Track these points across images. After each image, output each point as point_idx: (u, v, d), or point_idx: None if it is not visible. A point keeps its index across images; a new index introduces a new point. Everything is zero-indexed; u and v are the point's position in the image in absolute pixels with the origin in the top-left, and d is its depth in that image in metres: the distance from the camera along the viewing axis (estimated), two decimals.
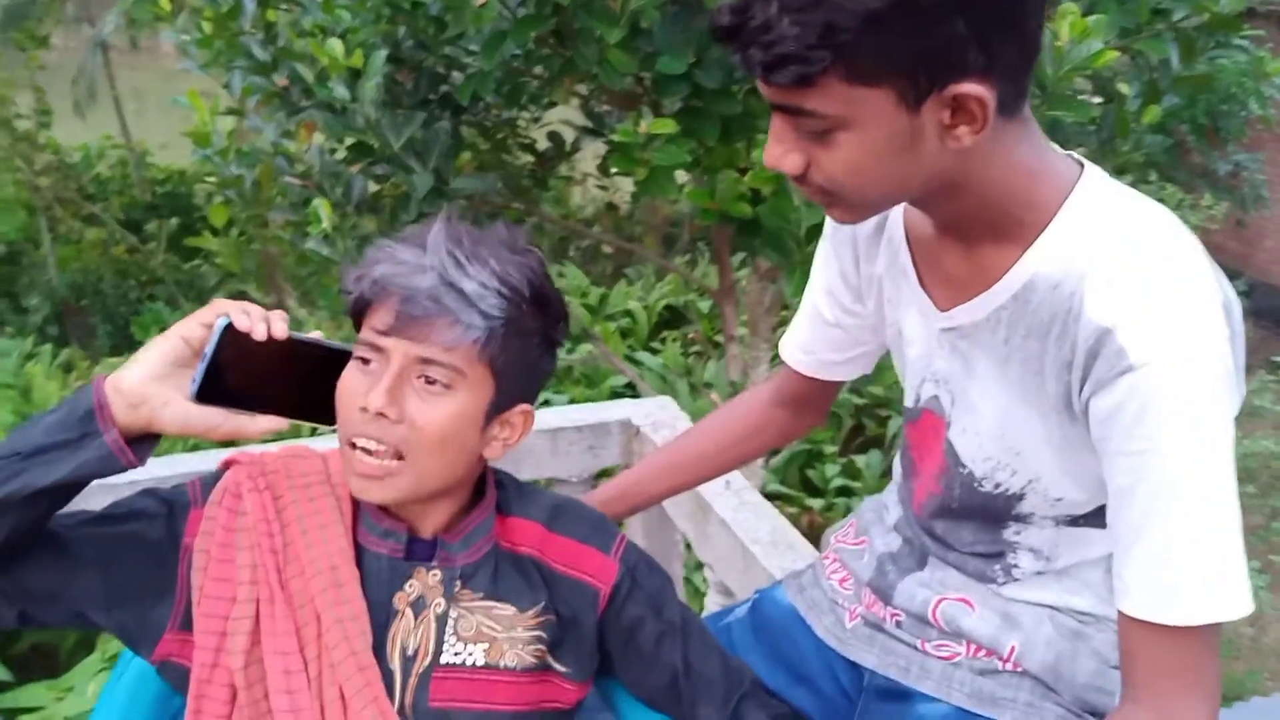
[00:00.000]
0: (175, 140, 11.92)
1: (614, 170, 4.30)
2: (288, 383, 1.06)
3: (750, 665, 1.29)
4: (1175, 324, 0.94)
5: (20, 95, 10.25)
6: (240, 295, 8.61)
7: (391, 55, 2.97)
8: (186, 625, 1.07)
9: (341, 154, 3.43)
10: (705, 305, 8.24)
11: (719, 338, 7.88)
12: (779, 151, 0.99)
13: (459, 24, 2.88)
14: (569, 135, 4.30)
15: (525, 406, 1.12)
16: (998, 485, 1.15)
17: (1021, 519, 1.17)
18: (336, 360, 1.08)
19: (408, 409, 1.02)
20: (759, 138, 3.02)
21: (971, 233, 1.06)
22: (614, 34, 2.52)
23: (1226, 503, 0.95)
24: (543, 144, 4.22)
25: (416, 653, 1.09)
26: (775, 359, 6.66)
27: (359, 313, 1.06)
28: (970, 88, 0.89)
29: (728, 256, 3.95)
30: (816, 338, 1.39)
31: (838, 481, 6.45)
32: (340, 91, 2.81)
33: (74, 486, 0.99)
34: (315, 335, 1.08)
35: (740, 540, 1.83)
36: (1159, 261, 0.96)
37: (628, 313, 8.17)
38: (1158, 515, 0.96)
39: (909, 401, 1.25)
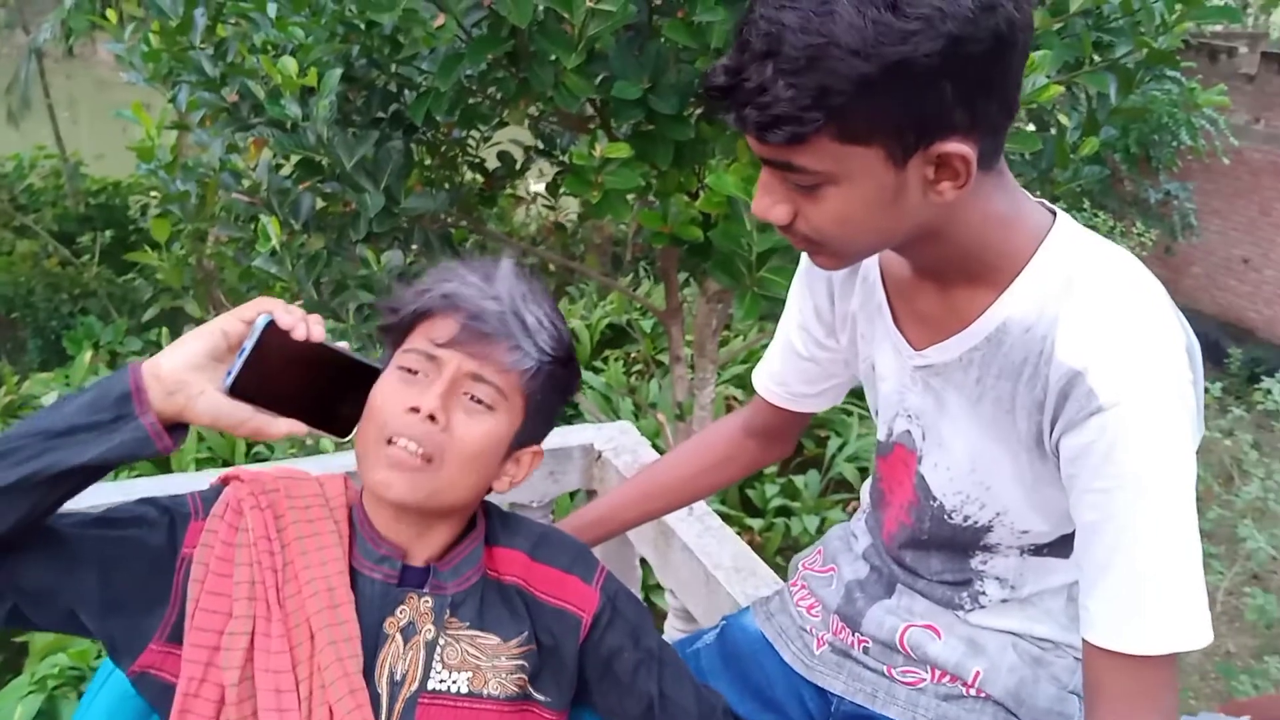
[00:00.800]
0: (111, 151, 11.73)
1: (564, 191, 4.32)
2: (311, 389, 1.08)
3: (719, 691, 1.31)
4: (1142, 367, 0.98)
5: None
6: (177, 310, 8.49)
7: (344, 73, 2.95)
8: (174, 638, 1.06)
9: (289, 170, 3.41)
10: (648, 324, 8.27)
11: (662, 357, 7.91)
12: (767, 202, 1.02)
13: (414, 44, 2.88)
14: (518, 154, 4.30)
15: (537, 448, 1.19)
16: (967, 518, 1.19)
17: (988, 549, 1.21)
18: (360, 374, 1.10)
19: (452, 419, 1.07)
20: (710, 162, 3.06)
21: (947, 276, 1.09)
22: (571, 59, 2.53)
23: (1188, 538, 0.99)
24: (492, 163, 4.21)
25: (404, 678, 1.10)
26: (722, 380, 6.70)
27: (408, 326, 1.11)
28: (954, 146, 0.93)
29: (675, 277, 3.97)
30: (789, 370, 1.41)
31: (777, 501, 6.51)
32: (293, 109, 2.80)
33: (100, 470, 0.98)
34: (344, 346, 1.10)
35: (704, 566, 1.85)
36: (1127, 307, 1.01)
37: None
38: (1123, 550, 1.00)
39: (881, 435, 1.28)
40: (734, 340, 7.39)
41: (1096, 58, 2.97)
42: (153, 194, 9.45)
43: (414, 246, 3.53)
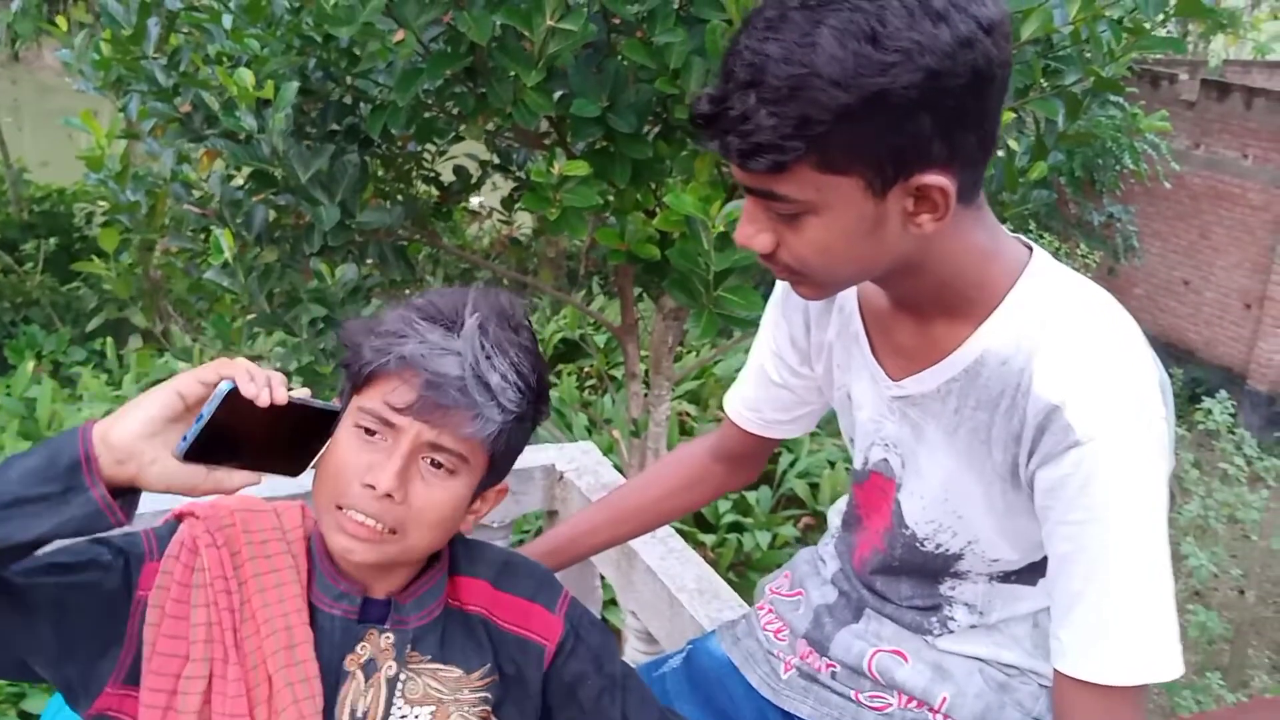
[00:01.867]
0: (55, 157, 11.54)
1: (519, 207, 4.32)
2: (267, 440, 1.03)
3: (685, 716, 1.31)
4: (1118, 403, 1.00)
5: None
6: (121, 320, 8.36)
7: (300, 86, 2.93)
8: (131, 679, 1.04)
9: (239, 181, 3.38)
10: (601, 339, 8.27)
11: (615, 371, 7.92)
12: (750, 231, 1.03)
13: (371, 58, 2.87)
14: (473, 169, 4.29)
15: (501, 485, 1.15)
16: (938, 545, 1.20)
17: (958, 575, 1.22)
18: (318, 419, 1.06)
19: (410, 490, 1.03)
20: (668, 181, 3.07)
21: (925, 308, 1.10)
22: (531, 76, 2.53)
23: (1160, 571, 1.01)
24: (448, 177, 4.20)
25: (365, 715, 1.08)
26: (675, 396, 6.71)
27: (367, 377, 1.05)
28: (933, 179, 0.94)
29: (631, 294, 3.98)
30: (762, 397, 1.41)
31: (729, 517, 6.53)
32: (248, 121, 2.77)
33: (49, 541, 0.94)
34: (303, 394, 1.04)
35: (667, 589, 1.85)
36: (1103, 343, 1.03)
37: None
38: (1096, 582, 1.02)
39: (857, 463, 1.29)
40: (687, 356, 7.42)
41: (1044, 84, 3.03)
42: (100, 203, 9.32)
43: (369, 260, 3.51)
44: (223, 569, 1.06)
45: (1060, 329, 1.03)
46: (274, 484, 1.07)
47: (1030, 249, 1.10)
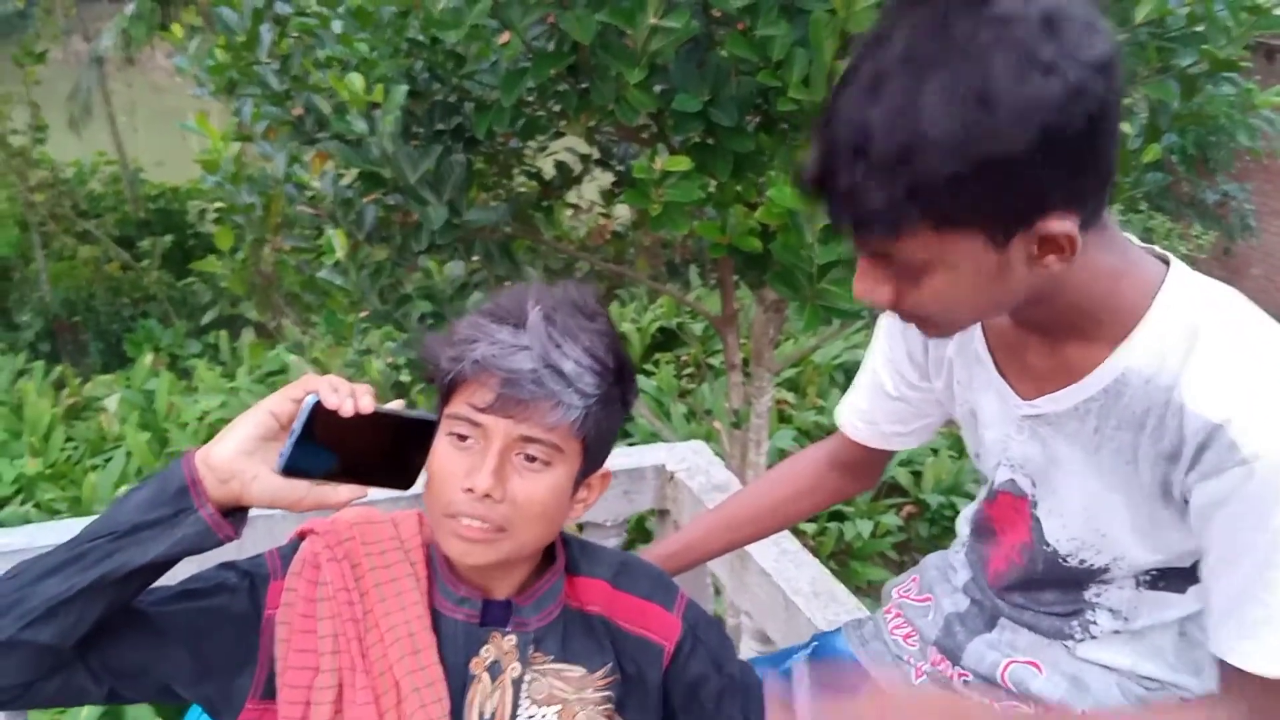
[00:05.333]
0: (168, 156, 11.92)
1: (619, 200, 4.34)
2: (367, 452, 1.06)
3: None
4: None
5: (15, 110, 10.24)
6: (235, 314, 8.62)
7: (408, 90, 2.99)
8: (268, 694, 1.09)
9: (349, 181, 3.46)
10: (698, 328, 8.27)
11: (712, 360, 7.91)
12: (868, 286, 1.01)
13: (477, 59, 2.91)
14: (574, 163, 4.33)
15: (605, 469, 1.17)
16: (1083, 561, 1.19)
17: (1104, 582, 1.21)
18: (416, 428, 1.09)
19: (510, 487, 1.06)
20: (770, 173, 3.06)
21: (1054, 331, 1.09)
22: (635, 74, 2.55)
23: None
24: (549, 172, 4.25)
25: (493, 717, 1.11)
26: (776, 385, 6.68)
27: (450, 385, 1.08)
28: (1056, 225, 0.92)
29: (731, 285, 3.98)
30: (878, 409, 1.40)
31: (831, 507, 6.48)
32: (359, 125, 2.84)
33: (169, 564, 1.00)
34: (396, 406, 1.08)
35: (781, 590, 1.85)
36: (1262, 356, 1.01)
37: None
38: (1263, 585, 1.01)
39: (986, 479, 1.28)
40: (785, 344, 7.38)
41: (1158, 64, 2.95)
42: (214, 203, 9.62)
43: (474, 257, 3.57)
44: (344, 581, 1.10)
45: (1211, 344, 1.01)
46: (393, 493, 1.11)
47: (1166, 262, 1.07)
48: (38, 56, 9.89)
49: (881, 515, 6.53)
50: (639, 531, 5.19)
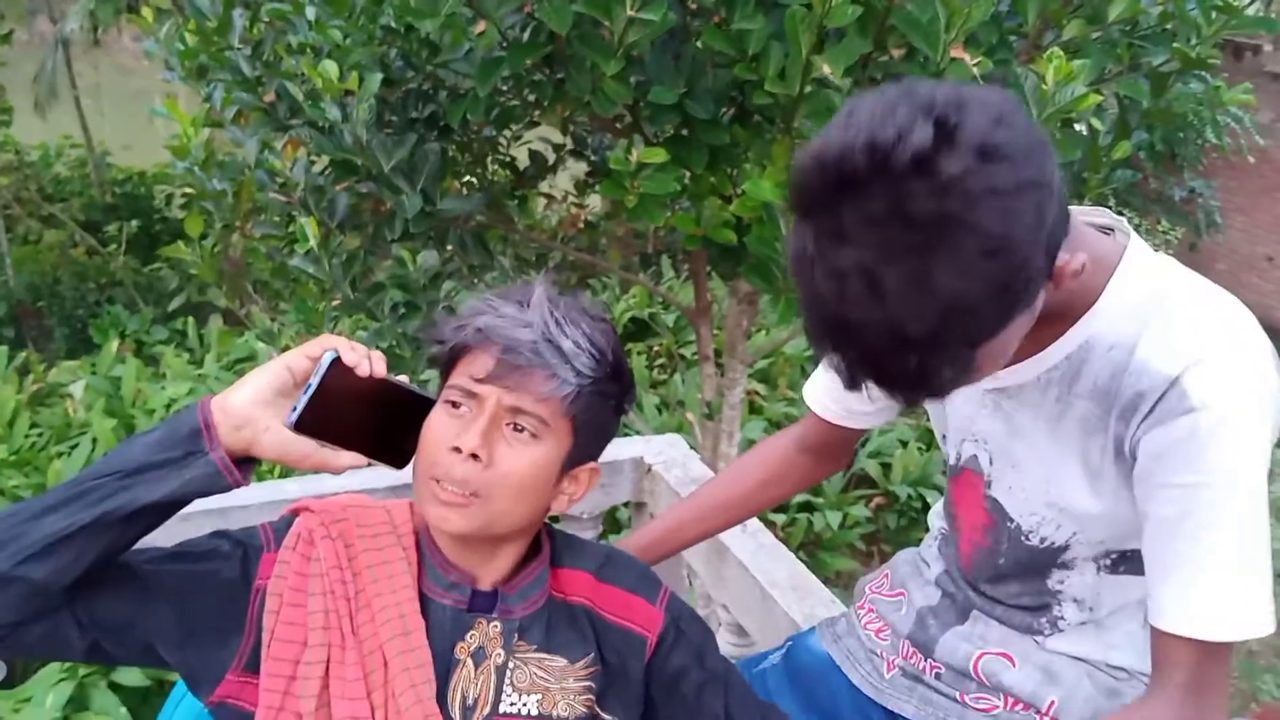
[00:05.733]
0: (134, 139, 11.77)
1: (594, 191, 4.33)
2: (371, 423, 1.10)
3: (786, 712, 1.32)
4: (1235, 370, 1.01)
5: None
6: (202, 300, 8.54)
7: (382, 77, 2.97)
8: (251, 667, 1.09)
9: (321, 168, 3.43)
10: (670, 318, 8.28)
11: (684, 351, 7.93)
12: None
13: (452, 48, 2.90)
14: (548, 153, 4.32)
15: (593, 464, 1.19)
16: (1043, 539, 1.21)
17: (1065, 565, 1.23)
18: (417, 406, 1.12)
19: (495, 453, 1.08)
20: (745, 166, 3.07)
21: None
22: (611, 65, 2.54)
23: (1262, 534, 1.04)
24: (523, 162, 4.23)
25: (476, 702, 1.12)
26: (751, 376, 6.71)
27: (451, 360, 1.12)
28: (1065, 265, 0.96)
29: (704, 276, 3.99)
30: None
31: (800, 497, 6.51)
32: (332, 112, 2.82)
33: (174, 505, 1.01)
34: (403, 380, 1.12)
35: (759, 583, 1.86)
36: (1219, 315, 1.05)
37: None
38: (1202, 543, 1.04)
39: (950, 459, 1.30)
40: (757, 335, 7.40)
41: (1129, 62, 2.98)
42: (182, 188, 9.51)
43: (448, 246, 3.55)
44: (338, 559, 1.12)
45: (1170, 305, 1.05)
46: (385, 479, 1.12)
47: (1125, 234, 1.11)
48: (2, 38, 9.73)
49: (850, 507, 6.57)
50: (609, 522, 5.20)
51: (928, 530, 1.47)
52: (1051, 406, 1.13)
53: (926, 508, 7.03)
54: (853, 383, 0.95)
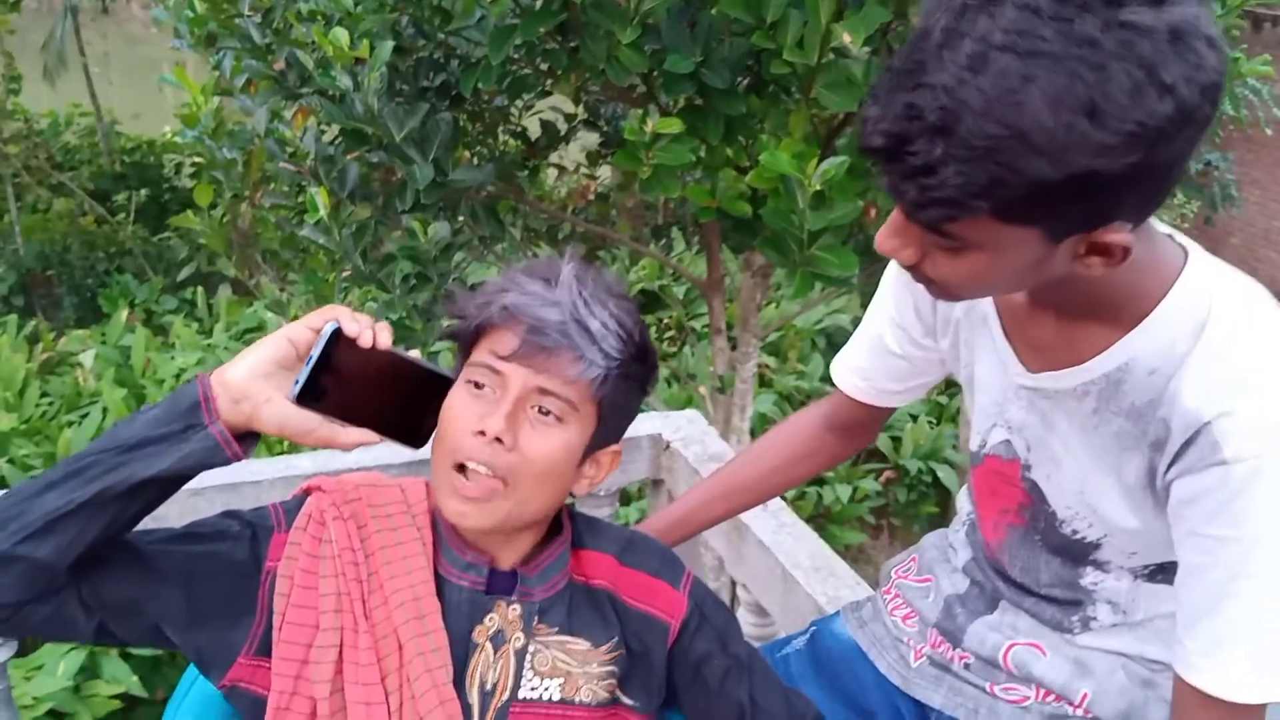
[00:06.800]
0: (145, 109, 11.74)
1: (607, 162, 4.29)
2: (381, 398, 1.07)
3: (809, 698, 1.30)
4: (1270, 424, 0.95)
5: None
6: (212, 270, 8.52)
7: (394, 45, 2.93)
8: (263, 650, 1.07)
9: (331, 138, 3.40)
10: (680, 290, 8.24)
11: (694, 323, 7.89)
12: (896, 244, 0.96)
13: (465, 15, 2.85)
14: (560, 122, 4.28)
15: (615, 447, 1.16)
16: (1075, 531, 1.18)
17: (1099, 565, 1.19)
18: (431, 383, 1.09)
19: (520, 437, 1.05)
20: (762, 137, 3.03)
21: (1068, 310, 1.07)
22: (627, 34, 2.50)
23: None
24: (534, 131, 4.19)
25: (495, 687, 1.10)
26: (760, 349, 6.68)
27: (474, 336, 1.08)
28: (1116, 236, 0.89)
29: (718, 249, 3.95)
30: (877, 366, 1.38)
31: None
32: (343, 80, 2.78)
33: (175, 481, 1.00)
34: (414, 354, 1.09)
35: (780, 564, 1.83)
36: (1259, 358, 0.98)
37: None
38: (1229, 598, 0.99)
39: (974, 445, 1.26)
40: (768, 309, 7.37)
41: None
42: (191, 157, 9.47)
43: (460, 218, 3.52)
44: (350, 541, 1.09)
45: (1214, 340, 0.98)
46: (401, 455, 1.09)
47: (1186, 251, 1.04)
48: (11, 5, 9.66)
49: (860, 480, 6.57)
50: (620, 496, 5.19)
51: (936, 504, 1.45)
52: (1088, 416, 1.09)
53: (936, 482, 7.04)
54: (888, 142, 0.86)
